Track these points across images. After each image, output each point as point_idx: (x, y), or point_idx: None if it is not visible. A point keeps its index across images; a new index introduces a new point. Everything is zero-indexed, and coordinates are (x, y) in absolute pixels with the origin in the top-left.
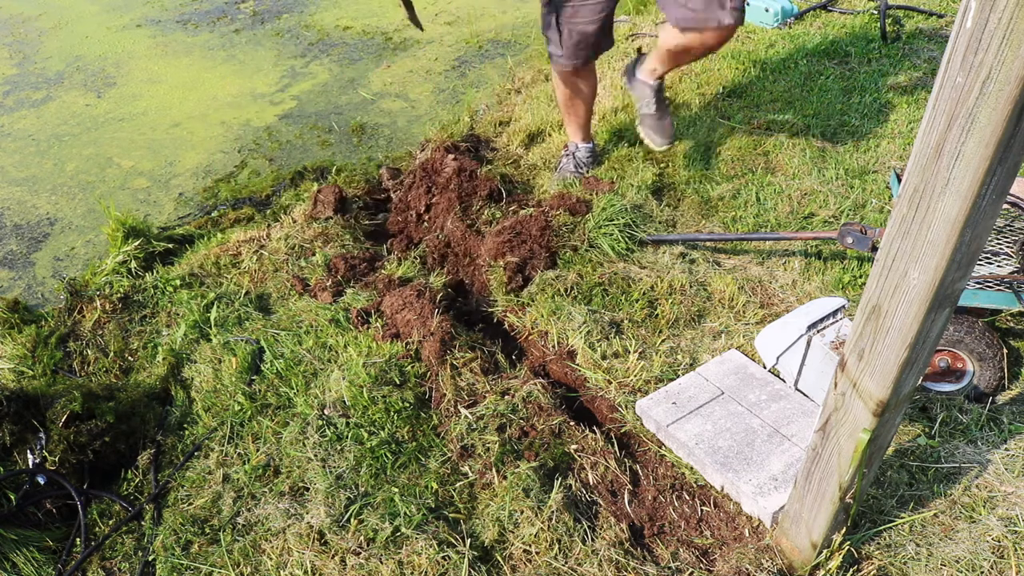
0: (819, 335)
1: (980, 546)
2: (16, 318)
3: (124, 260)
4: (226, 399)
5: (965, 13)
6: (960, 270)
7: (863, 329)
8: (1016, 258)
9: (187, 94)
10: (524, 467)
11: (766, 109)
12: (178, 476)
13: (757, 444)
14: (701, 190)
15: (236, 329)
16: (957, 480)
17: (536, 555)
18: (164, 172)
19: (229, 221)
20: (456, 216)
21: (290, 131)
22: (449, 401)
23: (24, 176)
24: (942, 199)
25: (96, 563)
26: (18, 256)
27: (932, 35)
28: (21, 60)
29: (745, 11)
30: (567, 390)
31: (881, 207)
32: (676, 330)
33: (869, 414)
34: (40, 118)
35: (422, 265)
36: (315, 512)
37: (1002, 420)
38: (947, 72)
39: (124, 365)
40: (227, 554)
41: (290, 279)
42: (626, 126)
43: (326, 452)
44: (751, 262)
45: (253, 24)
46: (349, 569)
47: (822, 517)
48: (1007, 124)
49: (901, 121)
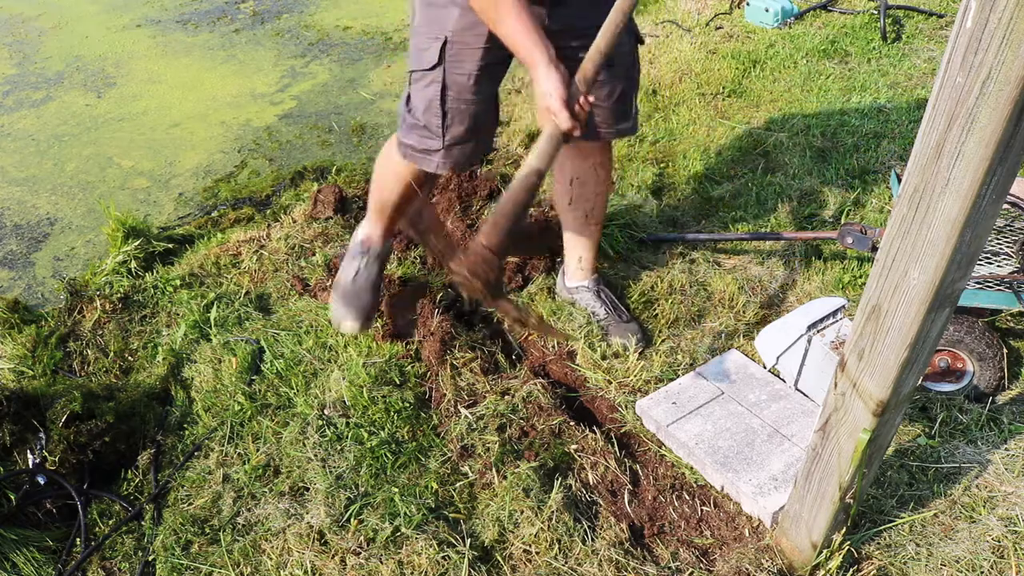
0: (819, 335)
1: (980, 546)
2: (16, 318)
3: (124, 260)
4: (226, 399)
5: (965, 13)
6: (960, 270)
7: (863, 329)
8: (1016, 258)
9: (187, 94)
10: (524, 467)
11: (766, 109)
12: (178, 476)
13: (757, 444)
14: (701, 190)
15: (236, 329)
16: (957, 480)
17: (536, 555)
18: (164, 172)
19: (229, 221)
20: (456, 216)
21: (290, 131)
22: (449, 401)
23: (24, 176)
24: (942, 199)
25: (96, 563)
26: (18, 256)
27: (932, 35)
28: (21, 60)
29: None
30: (567, 390)
31: (881, 207)
32: (676, 330)
33: (869, 414)
34: (40, 118)
35: (422, 265)
36: (315, 512)
37: (1002, 420)
38: (947, 72)
39: (124, 365)
40: (227, 554)
41: (290, 279)
42: None
43: (326, 452)
44: (751, 262)
45: (253, 24)
46: (349, 569)
47: (822, 517)
48: (1007, 124)
49: (901, 121)
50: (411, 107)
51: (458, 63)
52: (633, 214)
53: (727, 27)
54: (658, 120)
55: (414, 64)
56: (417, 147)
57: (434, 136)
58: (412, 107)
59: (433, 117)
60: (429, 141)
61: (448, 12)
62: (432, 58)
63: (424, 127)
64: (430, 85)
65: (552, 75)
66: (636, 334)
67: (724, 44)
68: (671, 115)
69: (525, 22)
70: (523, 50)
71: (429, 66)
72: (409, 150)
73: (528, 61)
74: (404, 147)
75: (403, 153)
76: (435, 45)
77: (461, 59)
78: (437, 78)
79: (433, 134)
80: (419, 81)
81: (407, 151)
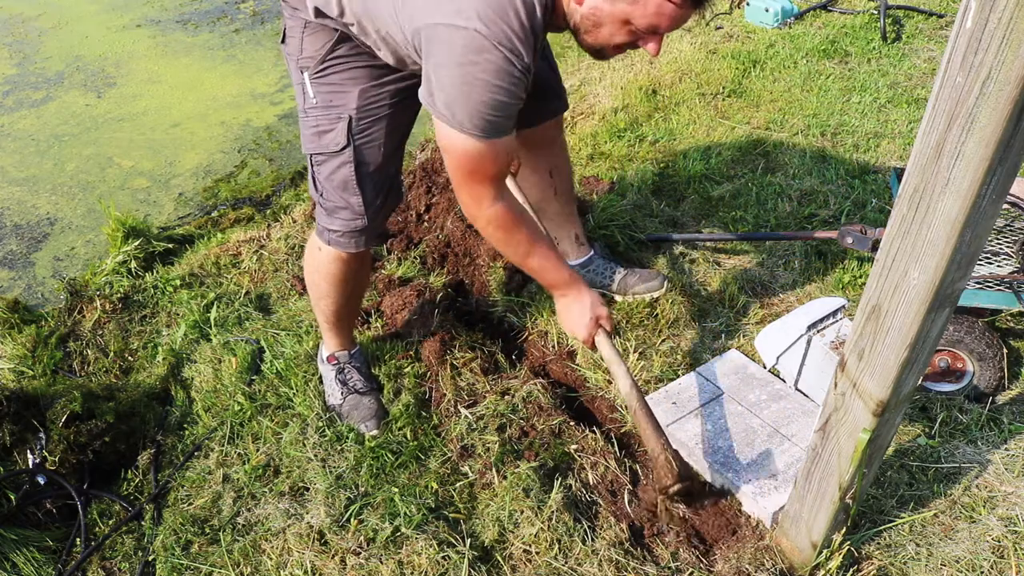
0: (819, 335)
1: (980, 546)
2: (16, 318)
3: (124, 260)
4: (226, 399)
5: (965, 13)
6: (960, 270)
7: (863, 329)
8: (1016, 258)
9: (187, 94)
10: (524, 467)
11: (766, 109)
12: (178, 476)
13: (757, 444)
14: (701, 190)
15: (236, 329)
16: (957, 480)
17: (536, 555)
18: (164, 172)
19: (229, 221)
20: (456, 216)
21: (290, 131)
22: (449, 401)
23: (24, 176)
24: (942, 199)
25: (96, 563)
26: (18, 256)
27: (932, 35)
28: (21, 60)
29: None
30: (567, 390)
31: (881, 207)
32: (676, 330)
33: (869, 414)
34: (40, 118)
35: (422, 265)
36: (315, 512)
37: (1002, 420)
38: (947, 72)
39: (124, 365)
40: (227, 554)
41: (290, 279)
42: (626, 126)
43: (326, 452)
44: (751, 262)
45: (253, 24)
46: (349, 569)
47: (822, 517)
48: (1007, 124)
49: (901, 121)
50: (323, 193)
51: (368, 137)
52: (633, 214)
53: (727, 27)
54: (658, 120)
55: (314, 147)
56: (344, 230)
57: (359, 216)
58: (324, 193)
59: (352, 196)
60: (355, 221)
61: (347, 93)
62: (339, 140)
63: (345, 208)
64: (341, 168)
65: (592, 292)
66: (658, 278)
67: (724, 44)
68: (671, 115)
69: (555, 251)
70: (556, 277)
71: (337, 149)
72: (335, 235)
73: (560, 285)
74: (329, 233)
75: (327, 240)
76: (339, 126)
77: (370, 133)
78: (348, 159)
79: (357, 214)
80: (324, 163)
81: (332, 237)
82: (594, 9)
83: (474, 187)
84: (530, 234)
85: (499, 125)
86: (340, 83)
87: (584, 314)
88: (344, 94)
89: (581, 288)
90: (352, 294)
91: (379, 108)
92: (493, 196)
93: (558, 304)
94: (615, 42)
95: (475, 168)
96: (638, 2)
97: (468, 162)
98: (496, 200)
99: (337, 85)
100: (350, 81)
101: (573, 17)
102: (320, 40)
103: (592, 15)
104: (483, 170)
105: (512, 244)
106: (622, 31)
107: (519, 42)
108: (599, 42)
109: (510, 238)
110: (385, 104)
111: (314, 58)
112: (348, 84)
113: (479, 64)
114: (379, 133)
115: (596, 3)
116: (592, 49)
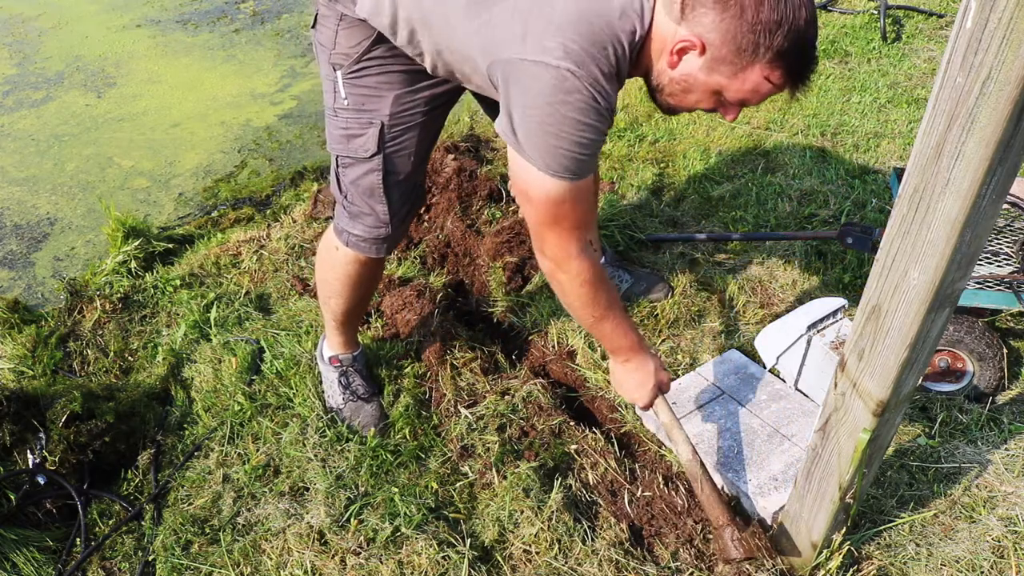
0: (819, 335)
1: (980, 546)
2: (16, 318)
3: (124, 260)
4: (226, 399)
5: (965, 13)
6: (960, 270)
7: (863, 329)
8: (1016, 258)
9: (187, 94)
10: (524, 467)
11: (766, 109)
12: (178, 476)
13: (757, 444)
14: (701, 190)
15: (236, 329)
16: (957, 480)
17: (536, 555)
18: (164, 172)
19: (229, 221)
20: (456, 216)
21: (290, 131)
22: (449, 401)
23: (24, 176)
24: (942, 199)
25: (96, 563)
26: (18, 256)
27: (932, 35)
28: (21, 60)
29: None
30: (567, 390)
31: (881, 207)
32: (676, 330)
33: (869, 414)
34: (40, 118)
35: (422, 265)
36: (315, 512)
37: (1002, 420)
38: (947, 72)
39: (124, 365)
40: (227, 554)
41: (290, 279)
42: (626, 126)
43: (326, 452)
44: (751, 262)
45: (253, 24)
46: (349, 569)
47: (822, 517)
48: (1007, 124)
49: (901, 121)
50: (347, 195)
51: (399, 145)
52: (633, 214)
53: None
54: (658, 120)
55: (341, 149)
56: (367, 236)
57: (383, 224)
58: (348, 196)
59: (378, 204)
60: (379, 229)
61: (381, 98)
62: (369, 146)
63: (370, 214)
64: (369, 174)
65: (655, 357)
66: (663, 290)
67: None
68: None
69: (627, 313)
70: (626, 342)
71: (366, 155)
72: (355, 239)
73: (626, 350)
74: (348, 236)
75: (346, 241)
76: (370, 131)
77: (402, 141)
78: (376, 167)
79: (381, 221)
80: (351, 168)
81: (352, 240)
82: (687, 76)
83: (562, 235)
84: (611, 294)
85: (587, 164)
86: (375, 86)
87: (648, 381)
88: (378, 99)
89: (646, 354)
90: (364, 296)
91: (412, 116)
92: (581, 247)
93: (618, 367)
94: (698, 107)
95: (562, 213)
96: (737, 77)
97: (554, 207)
98: (583, 252)
99: (372, 88)
100: (385, 85)
101: (660, 79)
102: (357, 37)
103: (684, 81)
104: (571, 215)
105: (593, 303)
106: (710, 100)
107: (606, 81)
108: (683, 106)
109: (595, 296)
110: (419, 112)
111: (349, 56)
112: (383, 88)
113: (569, 103)
114: (411, 141)
115: (691, 71)
116: (669, 108)
